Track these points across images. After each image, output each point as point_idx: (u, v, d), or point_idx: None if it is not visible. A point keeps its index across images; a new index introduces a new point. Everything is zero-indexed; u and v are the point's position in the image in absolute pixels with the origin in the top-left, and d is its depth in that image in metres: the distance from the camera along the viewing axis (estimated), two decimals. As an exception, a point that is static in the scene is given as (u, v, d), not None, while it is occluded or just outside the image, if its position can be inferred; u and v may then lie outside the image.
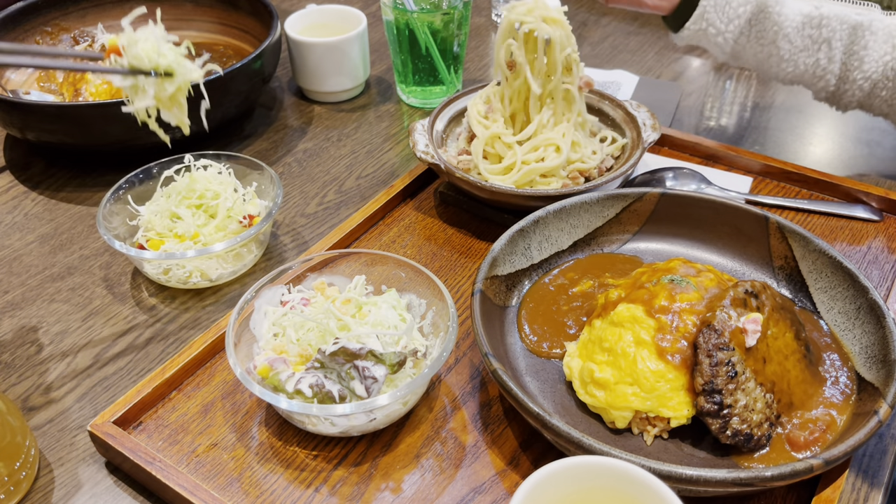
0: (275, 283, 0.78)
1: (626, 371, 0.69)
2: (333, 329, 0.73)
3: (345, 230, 0.94)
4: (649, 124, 0.99)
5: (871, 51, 0.92)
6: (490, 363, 0.70)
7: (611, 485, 0.55)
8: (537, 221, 0.85)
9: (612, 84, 1.25)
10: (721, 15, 0.96)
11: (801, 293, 0.82)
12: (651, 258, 0.88)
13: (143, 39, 0.76)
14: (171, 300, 0.90)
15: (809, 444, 0.68)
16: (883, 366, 0.70)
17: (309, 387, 0.69)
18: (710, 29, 0.98)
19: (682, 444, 0.70)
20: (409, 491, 0.69)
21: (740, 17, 0.95)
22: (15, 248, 0.98)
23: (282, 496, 0.69)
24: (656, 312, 0.70)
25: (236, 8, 1.28)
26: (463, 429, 0.74)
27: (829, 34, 0.93)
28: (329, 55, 1.18)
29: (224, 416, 0.76)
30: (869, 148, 1.11)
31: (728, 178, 1.03)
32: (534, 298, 0.83)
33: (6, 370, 0.83)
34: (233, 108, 1.11)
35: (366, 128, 1.19)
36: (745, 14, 0.95)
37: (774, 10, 0.93)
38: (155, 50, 0.75)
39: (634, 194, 0.88)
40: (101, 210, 0.89)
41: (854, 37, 0.92)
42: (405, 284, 0.80)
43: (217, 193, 0.92)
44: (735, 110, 1.20)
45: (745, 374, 0.67)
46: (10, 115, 1.04)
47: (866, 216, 0.96)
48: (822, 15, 0.92)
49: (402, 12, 1.12)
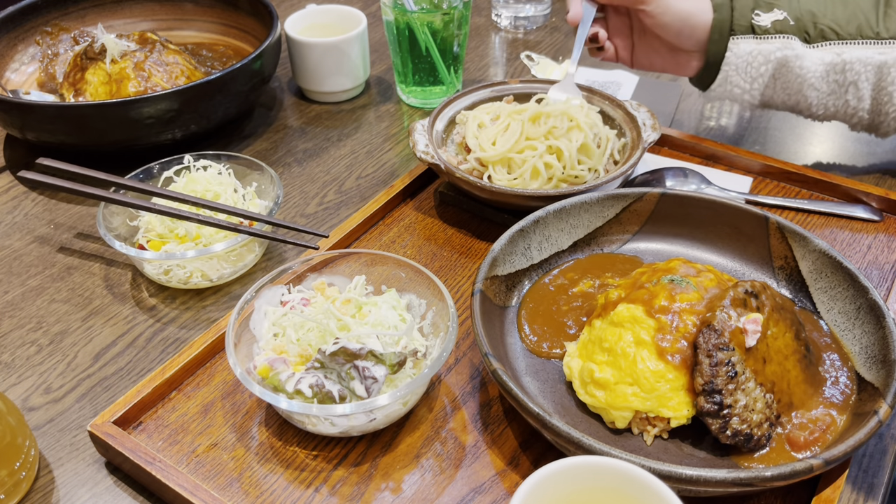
0: (275, 283, 0.78)
1: (626, 371, 0.69)
2: (333, 329, 0.73)
3: (345, 230, 0.94)
4: (649, 124, 0.99)
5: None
6: (490, 363, 0.70)
7: (611, 485, 0.55)
8: (537, 221, 0.85)
9: (612, 84, 1.25)
10: (744, 76, 0.97)
11: (801, 293, 0.82)
12: (651, 258, 0.88)
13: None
14: (172, 300, 0.90)
15: (809, 444, 0.68)
16: (883, 366, 0.70)
17: (309, 387, 0.69)
18: (735, 89, 1.00)
19: (682, 444, 0.70)
20: (409, 491, 0.69)
21: (763, 75, 0.97)
22: (15, 248, 0.98)
23: (282, 496, 0.69)
24: (656, 312, 0.70)
25: (236, 8, 1.28)
26: (463, 429, 0.74)
27: (854, 77, 0.94)
28: (329, 55, 1.18)
29: (224, 416, 0.76)
30: (869, 148, 1.11)
31: (728, 178, 1.03)
32: (534, 298, 0.83)
33: (6, 370, 0.83)
34: (233, 108, 1.11)
35: (366, 128, 1.19)
36: (767, 72, 0.97)
37: (796, 63, 0.95)
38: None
39: (634, 194, 0.88)
40: (101, 210, 0.89)
41: (880, 75, 0.93)
42: (405, 284, 0.80)
43: (217, 194, 0.92)
44: (735, 110, 1.20)
45: (745, 374, 0.67)
46: (10, 115, 1.04)
47: (866, 216, 0.96)
48: (845, 61, 0.94)
49: (402, 12, 1.12)
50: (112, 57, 1.12)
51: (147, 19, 1.32)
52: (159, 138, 1.06)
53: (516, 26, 1.42)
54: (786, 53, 0.95)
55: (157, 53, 1.13)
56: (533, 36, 1.41)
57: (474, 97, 1.05)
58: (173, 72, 1.13)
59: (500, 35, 1.42)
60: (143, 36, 1.16)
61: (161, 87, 1.10)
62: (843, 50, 0.94)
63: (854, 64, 0.93)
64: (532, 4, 1.41)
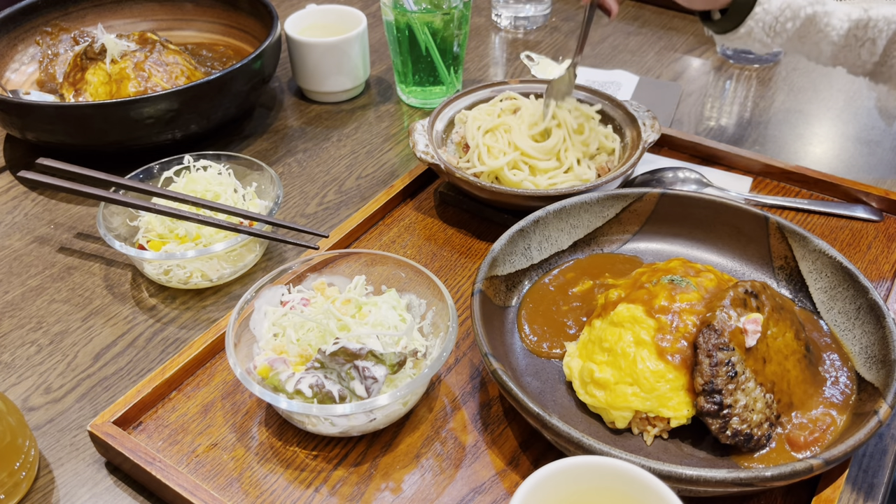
0: (275, 283, 0.78)
1: (626, 371, 0.69)
2: (333, 329, 0.73)
3: (345, 230, 0.94)
4: (649, 124, 0.99)
5: None
6: (490, 363, 0.70)
7: (611, 485, 0.55)
8: (537, 221, 0.85)
9: (612, 84, 1.25)
10: (768, 31, 0.95)
11: (801, 293, 0.82)
12: (651, 258, 0.88)
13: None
14: (172, 300, 0.90)
15: (809, 444, 0.68)
16: (883, 366, 0.70)
17: (309, 387, 0.69)
18: (756, 44, 0.97)
19: (682, 444, 0.70)
20: (409, 491, 0.69)
21: (787, 31, 0.95)
22: (15, 248, 0.98)
23: (282, 496, 0.69)
24: (656, 312, 0.70)
25: (236, 8, 1.28)
26: (463, 429, 0.74)
27: (874, 34, 0.92)
28: (329, 55, 1.18)
29: (224, 417, 0.76)
30: (869, 148, 1.11)
31: (728, 178, 1.03)
32: (534, 298, 0.83)
33: (6, 370, 0.83)
34: (233, 108, 1.11)
35: (366, 128, 1.19)
36: (792, 28, 0.94)
37: (823, 21, 0.93)
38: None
39: (634, 194, 0.88)
40: (101, 210, 0.89)
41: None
42: (405, 284, 0.80)
43: (217, 194, 0.92)
44: (735, 110, 1.20)
45: (745, 374, 0.67)
46: (10, 115, 1.04)
47: (866, 216, 0.96)
48: (870, 17, 0.92)
49: (402, 12, 1.12)
50: (112, 57, 1.12)
51: (147, 19, 1.32)
52: (159, 138, 1.06)
53: (516, 26, 1.42)
54: (815, 10, 0.92)
55: (157, 53, 1.13)
56: (533, 36, 1.41)
57: (474, 97, 1.05)
58: (173, 72, 1.13)
59: (500, 35, 1.42)
60: (143, 36, 1.16)
61: (161, 87, 1.10)
62: (871, 5, 0.92)
63: (879, 22, 0.92)
64: (532, 4, 1.41)
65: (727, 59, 1.30)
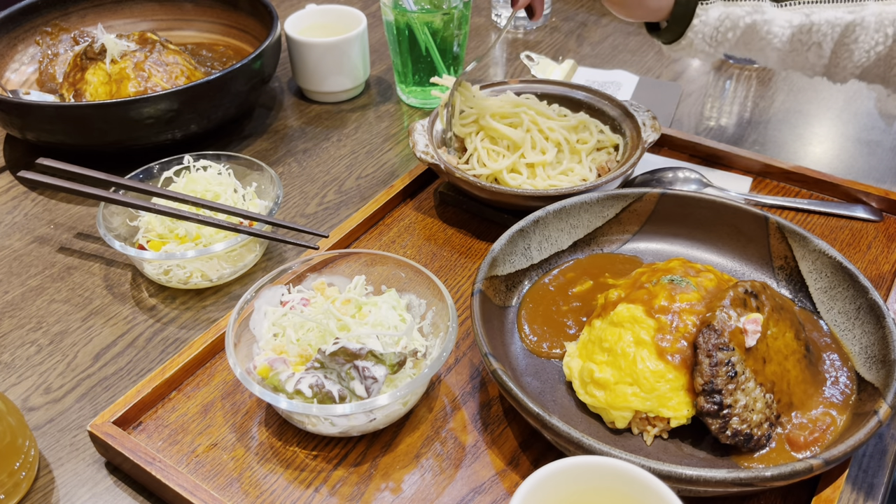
0: (275, 283, 0.78)
1: (625, 371, 0.69)
2: (333, 329, 0.73)
3: (345, 230, 0.94)
4: (649, 124, 0.99)
5: (860, 44, 0.92)
6: (490, 363, 0.70)
7: (611, 485, 0.55)
8: (537, 221, 0.85)
9: (612, 84, 1.25)
10: (710, 41, 0.94)
11: (801, 293, 0.82)
12: (651, 258, 0.88)
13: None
14: (172, 300, 0.90)
15: (809, 444, 0.68)
16: (883, 366, 0.70)
17: (309, 387, 0.69)
18: (699, 54, 0.96)
19: (682, 444, 0.70)
20: (409, 491, 0.69)
21: (729, 40, 0.94)
22: (15, 248, 0.98)
23: (282, 496, 0.69)
24: (656, 312, 0.70)
25: (236, 8, 1.28)
26: (463, 429, 0.74)
27: (819, 38, 0.92)
28: (329, 55, 1.18)
29: (224, 417, 0.76)
30: (869, 148, 1.11)
31: (728, 178, 1.03)
32: (534, 298, 0.83)
33: (6, 370, 0.83)
34: (233, 108, 1.11)
35: (366, 128, 1.19)
36: (733, 38, 0.94)
37: (763, 28, 0.92)
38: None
39: (634, 194, 0.88)
40: (101, 210, 0.89)
41: (845, 33, 0.91)
42: (405, 284, 0.80)
43: (217, 194, 0.92)
44: (735, 110, 1.20)
45: (744, 374, 0.67)
46: (10, 115, 1.04)
47: (866, 216, 0.96)
48: (813, 22, 0.91)
49: (402, 12, 1.12)
50: (112, 57, 1.12)
51: (147, 19, 1.32)
52: (159, 138, 1.06)
53: (516, 26, 1.42)
54: (755, 18, 0.91)
55: (156, 53, 1.13)
56: (533, 36, 1.41)
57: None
58: (173, 72, 1.13)
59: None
60: (143, 36, 1.16)
61: (161, 87, 1.10)
62: (813, 10, 0.91)
63: (822, 26, 0.91)
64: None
65: (727, 59, 1.30)
